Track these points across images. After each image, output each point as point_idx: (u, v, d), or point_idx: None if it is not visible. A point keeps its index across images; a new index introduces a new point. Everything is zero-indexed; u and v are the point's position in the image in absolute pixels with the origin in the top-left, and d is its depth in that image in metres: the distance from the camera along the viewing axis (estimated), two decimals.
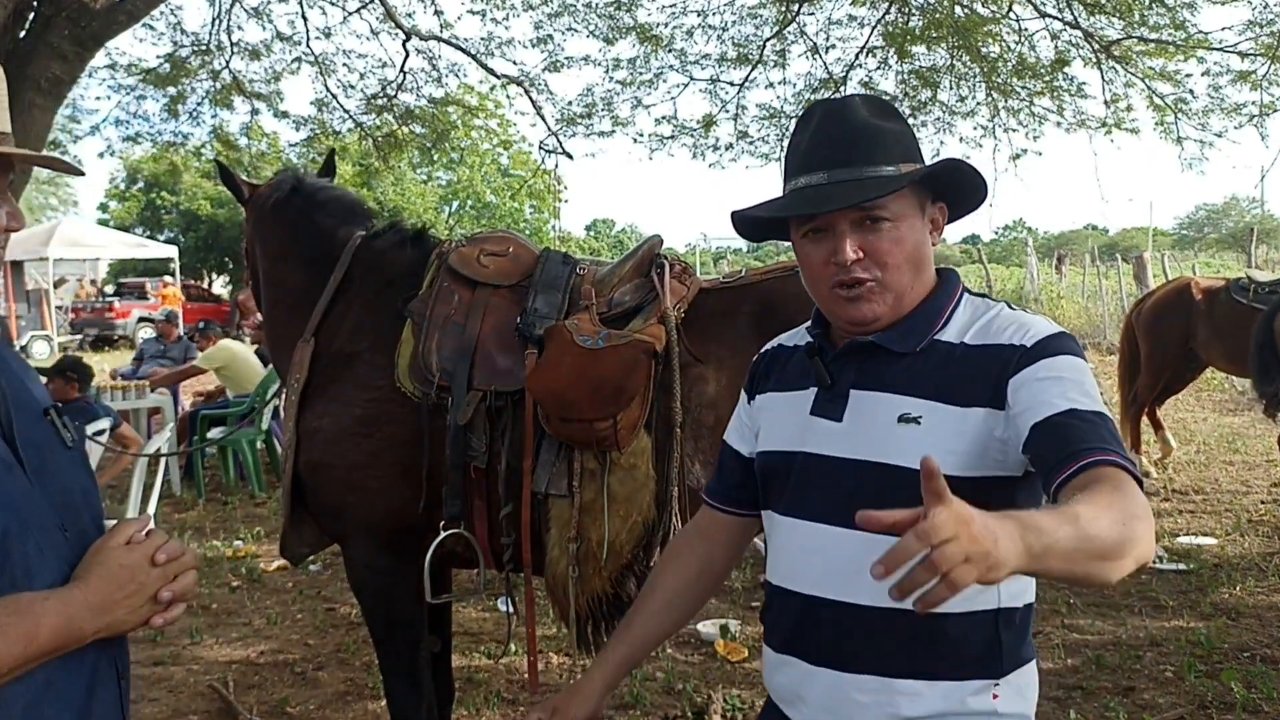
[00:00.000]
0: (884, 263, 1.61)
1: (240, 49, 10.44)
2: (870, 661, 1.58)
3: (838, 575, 1.61)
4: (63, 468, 1.54)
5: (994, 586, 1.49)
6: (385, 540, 3.16)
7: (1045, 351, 1.54)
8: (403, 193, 34.30)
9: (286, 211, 3.53)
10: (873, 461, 1.59)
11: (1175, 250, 40.42)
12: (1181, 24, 8.86)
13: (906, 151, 1.64)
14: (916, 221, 1.65)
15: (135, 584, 1.46)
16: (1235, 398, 12.63)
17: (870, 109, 1.66)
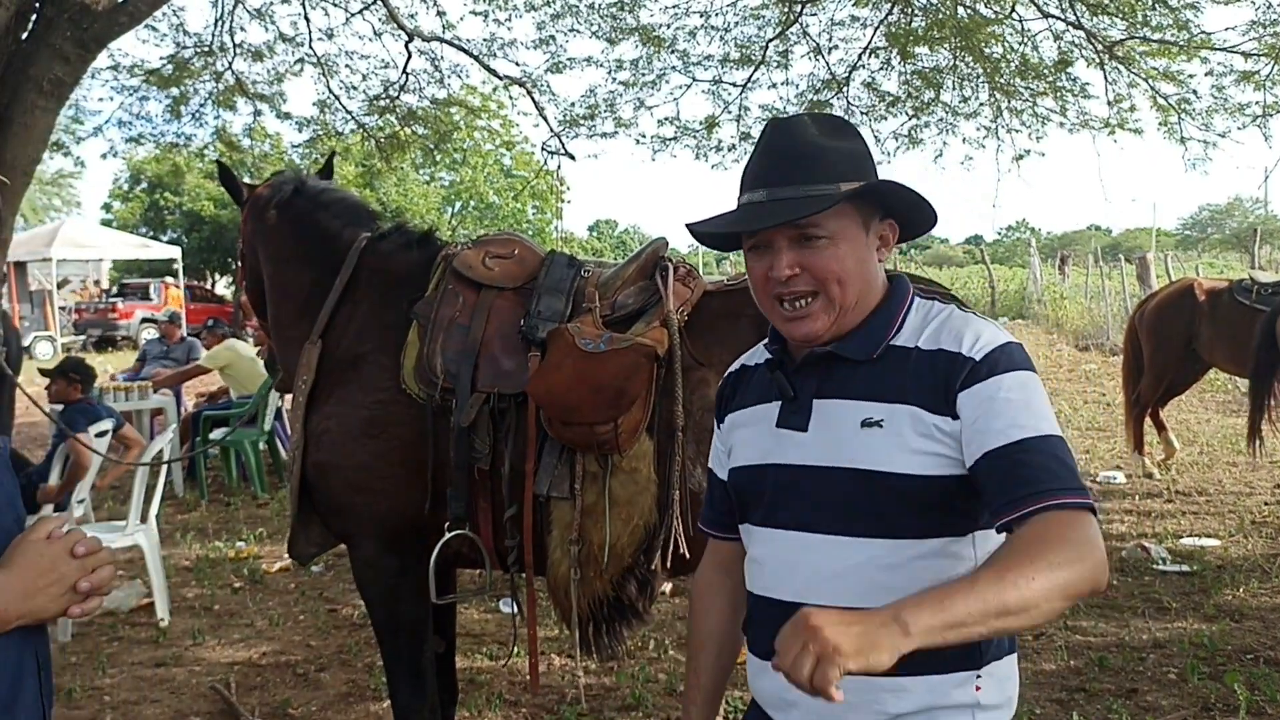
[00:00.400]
0: (822, 278, 1.65)
1: (243, 50, 10.43)
2: None
3: (816, 580, 1.64)
4: None
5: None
6: (391, 540, 3.17)
7: (994, 368, 1.57)
8: (405, 193, 34.31)
9: (290, 213, 3.54)
10: (841, 467, 1.63)
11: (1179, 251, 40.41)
12: (1185, 24, 8.84)
13: (855, 170, 1.66)
14: (858, 239, 1.67)
15: (56, 574, 1.56)
16: (1238, 399, 12.60)
17: (820, 128, 1.69)
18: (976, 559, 1.62)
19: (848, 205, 1.64)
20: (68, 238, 27.01)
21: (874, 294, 1.71)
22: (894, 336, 1.67)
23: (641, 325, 3.04)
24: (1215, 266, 32.55)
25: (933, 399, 1.59)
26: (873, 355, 1.66)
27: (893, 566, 1.59)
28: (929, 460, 1.57)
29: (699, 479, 2.98)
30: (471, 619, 5.60)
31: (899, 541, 1.59)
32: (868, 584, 1.59)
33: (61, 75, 4.91)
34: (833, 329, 1.67)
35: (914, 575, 1.57)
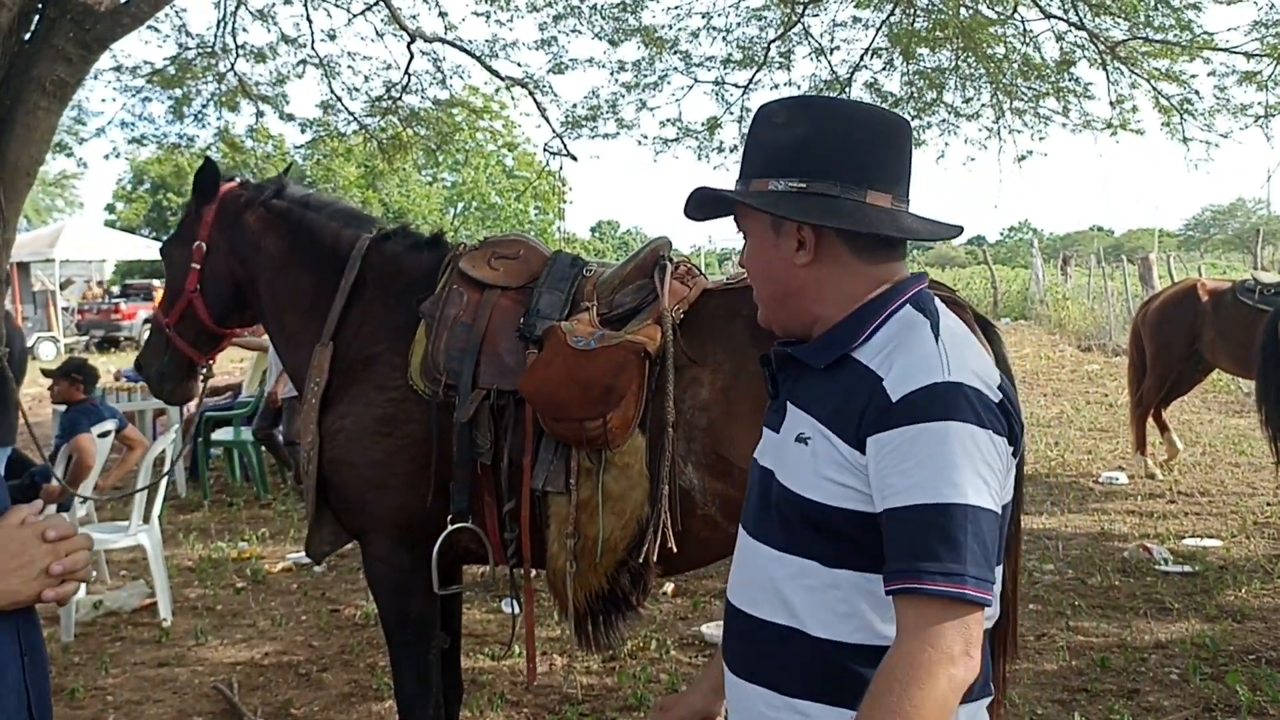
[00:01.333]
0: (748, 275, 1.70)
1: (245, 51, 10.44)
2: (772, 676, 1.57)
3: (752, 587, 1.61)
4: None
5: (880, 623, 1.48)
6: (403, 536, 3.22)
7: (910, 415, 1.41)
8: (408, 194, 34.35)
9: (281, 215, 3.54)
10: (778, 480, 1.58)
11: (1181, 251, 40.36)
12: (1187, 25, 8.83)
13: (789, 164, 1.55)
14: (764, 239, 1.62)
15: (27, 557, 1.59)
16: (1241, 399, 12.59)
17: (788, 114, 1.60)
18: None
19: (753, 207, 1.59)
20: (71, 239, 27.04)
21: (808, 296, 1.59)
22: (856, 348, 1.54)
23: (636, 323, 3.07)
24: (1218, 267, 32.51)
25: (848, 427, 1.48)
26: (823, 365, 1.57)
27: (809, 589, 1.52)
28: (836, 490, 1.48)
29: (690, 476, 3.01)
30: (474, 619, 5.60)
31: (815, 564, 1.51)
32: (786, 601, 1.54)
33: (64, 76, 4.91)
34: (774, 325, 1.68)
35: (828, 603, 1.51)
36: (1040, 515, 7.63)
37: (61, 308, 27.75)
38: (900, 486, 1.39)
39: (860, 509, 1.46)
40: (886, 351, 1.50)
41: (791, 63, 10.68)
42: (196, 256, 3.57)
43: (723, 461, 2.97)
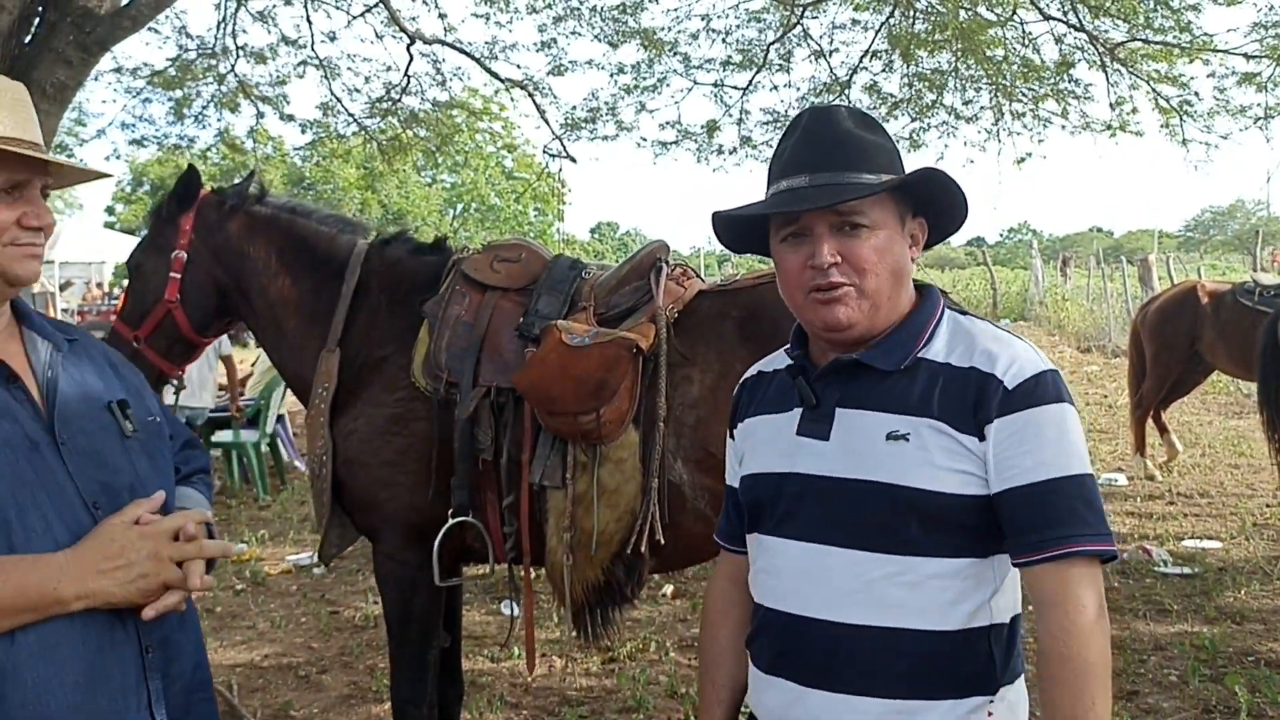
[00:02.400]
0: (861, 269, 1.60)
1: (246, 53, 10.46)
2: (864, 682, 1.57)
3: (831, 594, 1.60)
4: (114, 454, 1.68)
5: (986, 605, 1.57)
6: (413, 533, 3.26)
7: (1028, 400, 1.53)
8: (407, 195, 34.35)
9: (268, 221, 3.52)
10: (863, 480, 1.57)
11: (1181, 252, 40.39)
12: (1186, 26, 8.85)
13: (888, 164, 1.64)
14: (896, 232, 1.64)
15: (123, 559, 1.53)
16: (1241, 401, 12.60)
17: (855, 120, 1.66)
18: (997, 583, 1.59)
19: (887, 197, 1.62)
20: (70, 240, 27.02)
21: (904, 296, 1.67)
22: (923, 348, 1.62)
23: (631, 322, 3.15)
24: (1217, 268, 32.52)
25: (961, 416, 1.55)
26: (900, 366, 1.61)
27: (911, 585, 1.56)
28: (954, 478, 1.54)
29: (679, 472, 3.08)
30: (473, 620, 5.60)
31: (918, 559, 1.55)
32: (884, 601, 1.56)
33: (64, 79, 4.93)
34: (863, 321, 1.62)
35: (932, 595, 1.56)
36: None
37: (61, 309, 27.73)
38: (1029, 464, 1.51)
39: (978, 493, 1.54)
40: (962, 348, 1.61)
41: (791, 65, 10.73)
42: (176, 266, 3.49)
43: (711, 458, 3.03)
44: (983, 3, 9.33)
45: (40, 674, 1.51)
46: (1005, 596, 1.61)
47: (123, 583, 1.53)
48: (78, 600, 1.51)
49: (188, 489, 1.97)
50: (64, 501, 1.58)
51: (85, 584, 1.51)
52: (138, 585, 1.55)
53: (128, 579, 1.53)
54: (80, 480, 1.61)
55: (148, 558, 1.55)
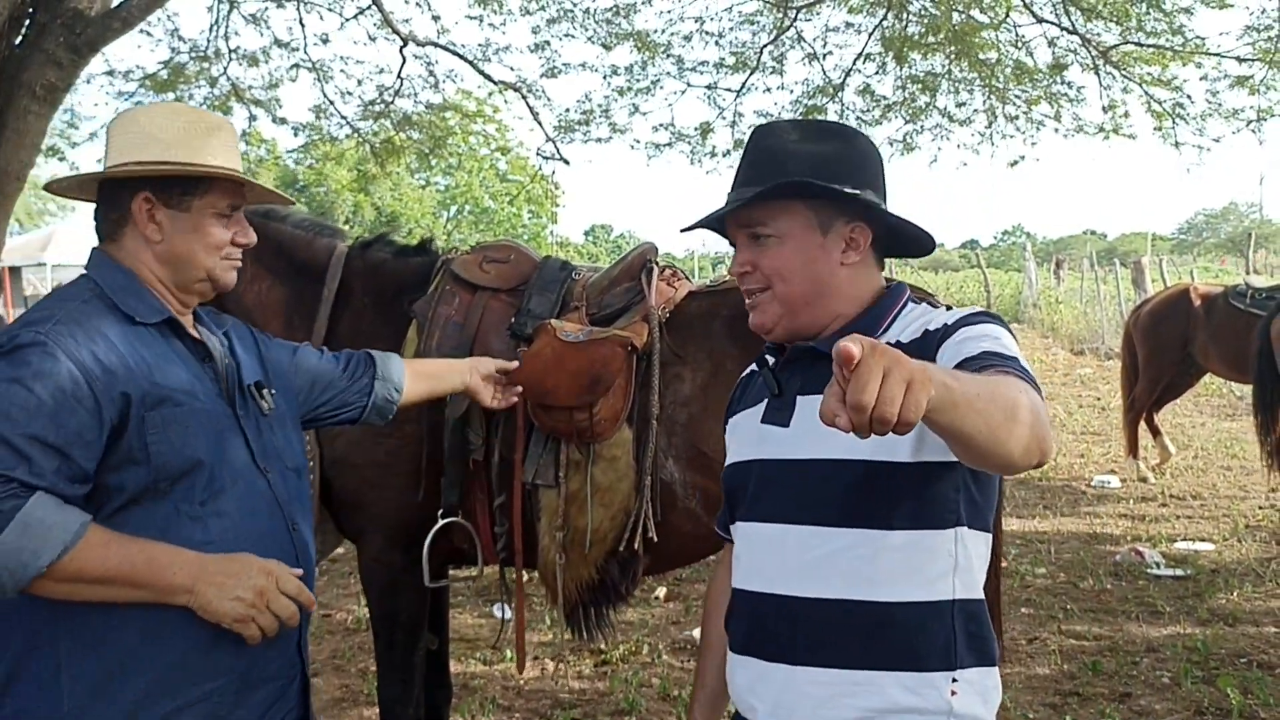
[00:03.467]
0: (768, 275, 1.72)
1: (238, 55, 10.44)
2: (821, 654, 1.60)
3: (790, 569, 1.64)
4: (266, 428, 2.03)
5: (949, 578, 1.59)
6: (399, 535, 3.25)
7: (965, 323, 1.61)
8: (400, 198, 34.32)
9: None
10: (817, 459, 1.63)
11: (1174, 255, 40.47)
12: (1179, 29, 8.87)
13: (825, 173, 1.68)
14: (806, 239, 1.71)
15: (233, 578, 1.78)
16: (1233, 403, 12.63)
17: (801, 132, 1.75)
18: (957, 558, 1.60)
19: (799, 205, 1.69)
20: (62, 242, 26.94)
21: (835, 296, 1.72)
22: (880, 335, 1.66)
23: (624, 321, 3.18)
24: (1210, 271, 32.60)
25: None
26: None
27: (867, 557, 1.58)
28: (905, 444, 1.55)
29: (671, 470, 3.10)
30: (465, 623, 5.59)
31: (874, 531, 1.58)
32: (840, 573, 1.59)
33: (54, 80, 4.91)
34: (782, 323, 1.73)
35: (888, 566, 1.58)
36: (1032, 518, 7.65)
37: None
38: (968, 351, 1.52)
39: (932, 459, 1.56)
40: (913, 328, 1.67)
41: (784, 68, 10.71)
42: None
43: (702, 456, 3.05)
44: (976, 5, 9.34)
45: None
46: (971, 575, 1.63)
47: (220, 597, 1.76)
48: (184, 594, 1.76)
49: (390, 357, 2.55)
50: (245, 464, 1.93)
51: (194, 582, 1.76)
52: (232, 604, 1.77)
53: (227, 596, 1.77)
54: (255, 448, 1.96)
55: (252, 590, 1.79)
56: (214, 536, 1.84)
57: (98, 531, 1.73)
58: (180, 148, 1.94)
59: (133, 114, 2.02)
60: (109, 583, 1.73)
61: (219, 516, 1.86)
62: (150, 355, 1.87)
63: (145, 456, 1.79)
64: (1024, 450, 1.34)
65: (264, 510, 1.94)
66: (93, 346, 1.79)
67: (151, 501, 1.80)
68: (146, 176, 1.93)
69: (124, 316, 1.89)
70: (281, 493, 1.99)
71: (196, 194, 1.97)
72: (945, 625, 1.59)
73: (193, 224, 1.97)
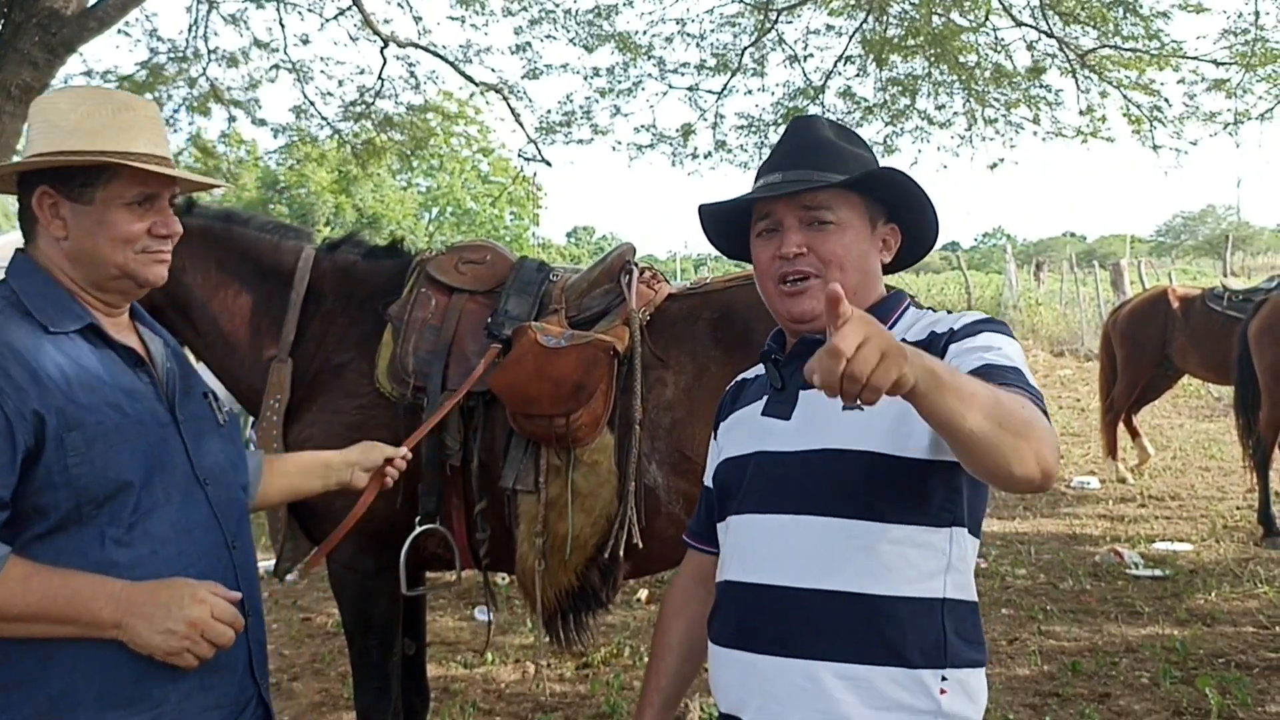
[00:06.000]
0: (827, 261, 1.70)
1: (217, 56, 10.40)
2: (813, 645, 1.59)
3: (787, 561, 1.63)
4: (213, 440, 1.92)
5: (941, 576, 1.59)
6: (369, 542, 3.18)
7: (972, 331, 1.64)
8: (382, 199, 34.22)
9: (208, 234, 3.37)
10: (820, 449, 1.63)
11: (1153, 257, 40.70)
12: (1155, 34, 8.93)
13: (861, 169, 1.73)
14: (863, 231, 1.74)
15: (165, 609, 1.67)
16: (1211, 404, 12.72)
17: (834, 131, 1.79)
18: (951, 556, 1.61)
19: (855, 198, 1.72)
20: None
21: (871, 291, 1.75)
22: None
23: (605, 324, 3.13)
24: (1188, 273, 32.76)
25: None
26: None
27: (863, 548, 1.58)
28: (907, 440, 1.57)
29: (654, 475, 3.06)
30: (446, 626, 5.57)
31: (872, 524, 1.58)
32: (837, 565, 1.59)
33: (30, 80, 4.87)
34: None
35: (883, 559, 1.58)
36: (1012, 520, 7.67)
37: None
38: (972, 361, 1.55)
39: (933, 458, 1.57)
40: (919, 326, 1.71)
41: (765, 69, 10.74)
42: None
43: (686, 460, 3.02)
44: (955, 8, 9.38)
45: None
46: (963, 576, 1.63)
47: (150, 630, 1.66)
48: (114, 629, 1.65)
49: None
50: (182, 476, 1.80)
51: (122, 615, 1.65)
52: (163, 638, 1.66)
53: (157, 629, 1.66)
54: (195, 458, 1.84)
55: (184, 620, 1.67)
56: (144, 560, 1.72)
57: (18, 565, 1.62)
58: (78, 135, 1.77)
59: (40, 101, 1.88)
60: (32, 620, 1.62)
61: (150, 538, 1.73)
62: (70, 368, 1.73)
63: (66, 480, 1.66)
64: (1024, 466, 1.37)
65: (200, 526, 1.81)
66: (3, 362, 1.66)
67: (76, 527, 1.68)
68: (44, 169, 1.77)
69: (39, 326, 1.74)
70: (221, 507, 1.87)
71: (99, 184, 1.78)
72: (936, 623, 1.59)
73: (97, 217, 1.79)
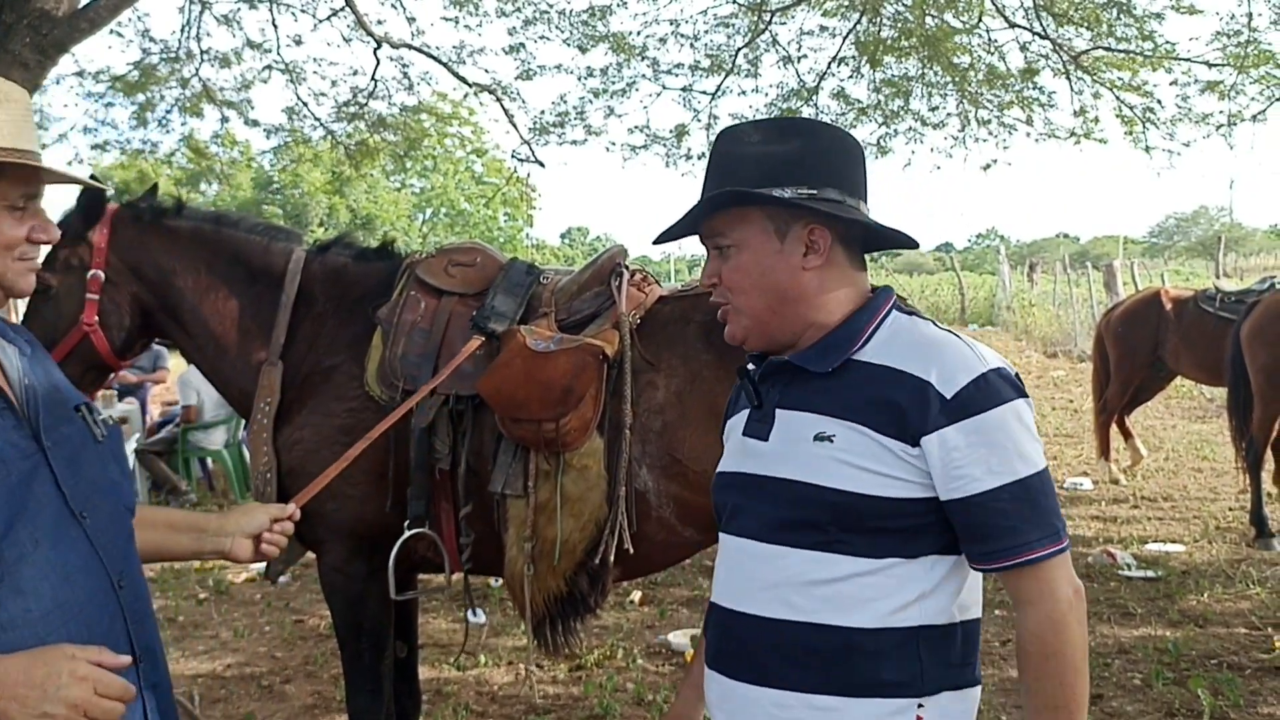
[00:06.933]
0: (730, 288, 1.65)
1: (210, 56, 10.38)
2: (787, 676, 1.58)
3: (755, 588, 1.62)
4: (91, 461, 1.65)
5: (916, 605, 1.56)
6: (359, 545, 3.20)
7: (969, 408, 1.52)
8: (375, 200, 34.19)
9: (198, 236, 3.38)
10: (790, 480, 1.60)
11: (1145, 258, 40.84)
12: (1149, 35, 8.95)
13: (784, 175, 1.58)
14: (764, 246, 1.62)
15: (39, 691, 1.43)
16: (1204, 405, 12.73)
17: (763, 133, 1.65)
18: (928, 585, 1.57)
19: (755, 212, 1.61)
20: None
21: (807, 302, 1.63)
22: (857, 350, 1.61)
23: (594, 328, 3.11)
24: (1181, 274, 32.89)
25: (888, 421, 1.54)
26: (830, 369, 1.61)
27: (829, 581, 1.56)
28: (877, 480, 1.53)
29: (644, 479, 3.04)
30: (439, 629, 5.56)
31: (838, 557, 1.56)
32: (808, 596, 1.57)
33: (21, 81, 4.82)
34: (753, 335, 1.66)
35: (851, 592, 1.55)
36: None
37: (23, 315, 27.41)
38: (978, 474, 1.50)
39: (902, 495, 1.54)
40: (898, 349, 1.59)
41: (759, 70, 10.75)
42: (93, 287, 3.29)
43: (676, 464, 3.00)
44: (949, 10, 9.40)
45: None
46: (939, 600, 1.58)
47: (26, 715, 1.43)
48: None
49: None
50: (53, 514, 1.55)
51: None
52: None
53: (32, 713, 1.43)
54: (68, 489, 1.58)
55: (64, 702, 1.44)
56: (16, 621, 1.49)
57: None
58: None
59: None
60: None
61: (21, 595, 1.50)
62: None
63: None
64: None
65: (80, 569, 1.57)
66: None
67: None
68: None
69: None
70: (104, 541, 1.61)
71: None
72: (911, 652, 1.55)
73: None
